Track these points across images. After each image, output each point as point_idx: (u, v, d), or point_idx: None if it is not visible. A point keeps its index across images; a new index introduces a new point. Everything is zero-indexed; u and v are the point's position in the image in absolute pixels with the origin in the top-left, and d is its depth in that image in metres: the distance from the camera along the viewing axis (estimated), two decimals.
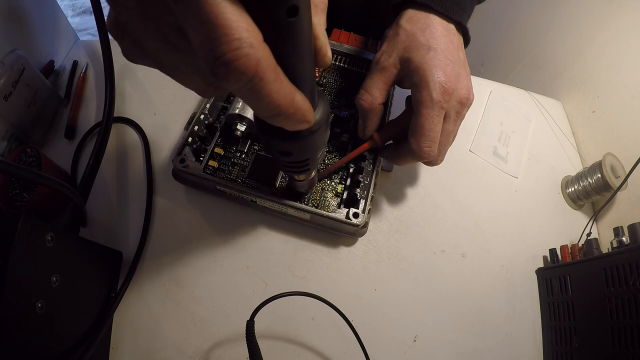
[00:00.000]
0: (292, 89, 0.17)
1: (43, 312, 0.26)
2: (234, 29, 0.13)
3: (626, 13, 0.52)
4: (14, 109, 0.40)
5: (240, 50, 0.14)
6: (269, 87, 0.15)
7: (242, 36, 0.14)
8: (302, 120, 0.19)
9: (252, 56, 0.14)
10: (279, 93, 0.16)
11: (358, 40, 0.49)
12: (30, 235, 0.25)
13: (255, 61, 0.14)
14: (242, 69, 0.14)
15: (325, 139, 0.25)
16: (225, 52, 0.14)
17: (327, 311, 0.34)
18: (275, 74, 0.16)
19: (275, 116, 0.17)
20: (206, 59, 0.14)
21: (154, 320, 0.37)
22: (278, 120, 0.18)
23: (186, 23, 0.14)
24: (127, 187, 0.43)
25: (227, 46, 0.14)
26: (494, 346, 0.40)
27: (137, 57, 0.19)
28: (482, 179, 0.49)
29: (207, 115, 0.40)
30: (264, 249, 0.41)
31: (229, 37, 0.13)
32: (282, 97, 0.16)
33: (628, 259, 0.33)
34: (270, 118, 0.18)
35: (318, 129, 0.22)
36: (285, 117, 0.18)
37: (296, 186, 0.37)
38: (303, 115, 0.18)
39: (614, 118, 0.52)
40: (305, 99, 0.18)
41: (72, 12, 1.76)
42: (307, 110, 0.19)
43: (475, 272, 0.43)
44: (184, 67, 0.18)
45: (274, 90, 0.16)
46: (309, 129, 0.21)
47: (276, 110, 0.17)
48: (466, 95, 0.33)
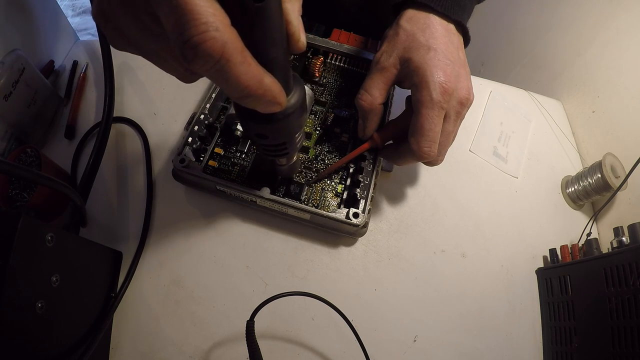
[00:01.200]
0: (261, 71, 0.18)
1: (43, 312, 0.26)
2: (201, 14, 0.14)
3: (626, 13, 0.52)
4: (14, 109, 0.40)
5: (206, 33, 0.15)
6: (236, 69, 0.16)
7: (209, 20, 0.15)
8: (272, 102, 0.19)
9: (218, 39, 0.15)
10: (247, 75, 0.17)
11: (358, 40, 0.49)
12: (30, 235, 0.25)
13: (221, 44, 0.15)
14: (209, 51, 0.15)
15: (301, 123, 0.25)
16: (193, 36, 0.15)
17: (327, 311, 0.34)
18: (243, 56, 0.16)
19: (244, 97, 0.18)
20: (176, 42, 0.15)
21: (154, 320, 0.37)
22: (248, 101, 0.19)
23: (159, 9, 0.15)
24: (127, 187, 0.43)
25: (195, 30, 0.14)
26: (494, 346, 0.40)
27: (120, 44, 0.20)
28: (482, 179, 0.49)
29: (207, 115, 0.40)
30: (264, 249, 0.41)
31: (196, 21, 0.14)
32: (250, 79, 0.17)
33: (628, 259, 0.33)
34: (240, 99, 0.18)
35: (292, 112, 0.22)
36: (255, 98, 0.18)
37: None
38: (273, 97, 0.19)
39: (614, 118, 0.52)
40: (275, 81, 0.19)
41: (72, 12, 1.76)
42: (278, 92, 0.19)
43: (475, 272, 0.43)
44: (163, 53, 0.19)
45: (241, 72, 0.16)
46: (283, 111, 0.22)
47: (245, 92, 0.17)
48: (466, 95, 0.33)
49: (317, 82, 0.47)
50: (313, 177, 0.40)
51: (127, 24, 0.18)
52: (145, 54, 0.20)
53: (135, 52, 0.20)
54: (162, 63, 0.21)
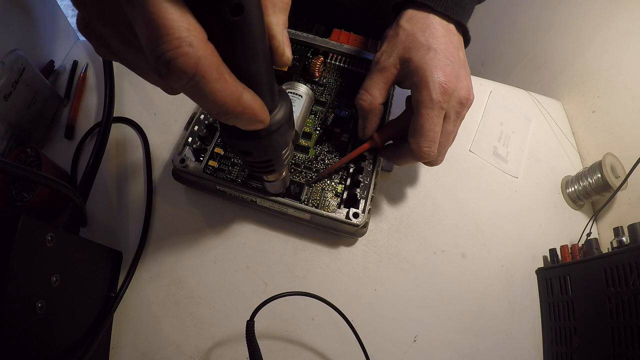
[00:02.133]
0: (239, 88, 0.17)
1: (43, 312, 0.26)
2: (174, 29, 0.14)
3: (626, 13, 0.52)
4: (14, 109, 0.40)
5: (179, 49, 0.14)
6: (211, 85, 0.15)
7: (182, 35, 0.14)
8: (253, 119, 0.18)
9: (192, 55, 0.14)
10: (224, 92, 0.16)
11: (358, 40, 0.49)
12: (30, 235, 0.25)
13: (194, 59, 0.14)
14: (182, 67, 0.14)
15: (288, 140, 0.24)
16: (166, 51, 0.14)
17: (327, 311, 0.34)
18: (219, 72, 0.16)
19: (222, 114, 0.17)
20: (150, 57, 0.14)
21: (154, 320, 0.37)
22: (227, 119, 0.18)
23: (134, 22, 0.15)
24: (127, 187, 0.43)
25: (167, 45, 0.14)
26: (494, 346, 0.40)
27: (104, 53, 0.20)
28: (482, 179, 0.49)
29: (207, 115, 0.40)
30: (264, 249, 0.41)
31: (169, 36, 0.14)
32: (227, 96, 0.16)
33: (628, 259, 0.33)
34: (219, 116, 0.18)
35: (277, 129, 0.21)
36: (234, 116, 0.18)
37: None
38: (254, 115, 0.18)
39: (614, 118, 0.52)
40: (256, 98, 0.18)
41: (72, 12, 1.76)
42: (258, 109, 0.18)
43: (475, 272, 0.43)
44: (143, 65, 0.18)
45: (217, 89, 0.16)
46: (267, 128, 0.21)
47: (222, 109, 0.17)
48: (466, 95, 0.33)
49: (317, 82, 0.47)
50: (313, 177, 0.40)
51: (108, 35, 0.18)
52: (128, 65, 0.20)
53: (119, 61, 0.20)
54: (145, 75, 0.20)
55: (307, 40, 0.47)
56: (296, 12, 0.30)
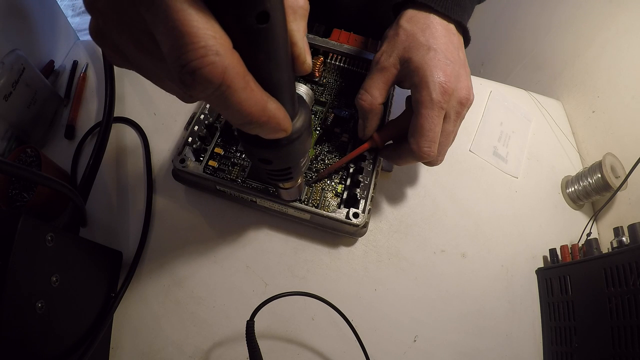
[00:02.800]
0: (264, 97, 0.17)
1: (43, 312, 0.26)
2: (200, 37, 0.13)
3: (626, 13, 0.52)
4: (14, 109, 0.40)
5: (206, 58, 0.13)
6: (237, 95, 0.15)
7: (209, 44, 0.13)
8: (276, 129, 0.18)
9: (218, 64, 0.14)
10: (249, 101, 0.16)
11: (358, 40, 0.49)
12: (30, 235, 0.25)
13: (221, 69, 0.14)
14: (208, 76, 0.14)
15: (307, 147, 0.24)
16: (191, 60, 0.13)
17: (327, 311, 0.34)
18: (245, 81, 0.15)
19: (247, 124, 0.17)
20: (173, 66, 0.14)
21: (154, 320, 0.37)
22: (251, 128, 0.18)
23: (156, 30, 0.14)
24: (127, 187, 0.43)
25: (193, 54, 0.13)
26: (494, 346, 0.40)
27: (118, 61, 0.19)
28: (482, 179, 0.49)
29: (207, 115, 0.40)
30: (264, 249, 0.41)
31: (194, 44, 0.13)
32: (252, 105, 0.16)
33: (628, 259, 0.33)
34: (243, 126, 0.17)
35: (298, 137, 0.21)
36: (258, 125, 0.17)
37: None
38: (277, 124, 0.18)
39: (614, 118, 0.52)
40: (280, 107, 0.18)
41: (72, 12, 1.76)
42: (282, 118, 0.18)
43: (475, 272, 0.43)
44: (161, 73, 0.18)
45: (243, 99, 0.15)
46: (288, 137, 0.21)
47: (247, 119, 0.16)
48: (466, 95, 0.33)
49: (317, 82, 0.47)
50: (313, 177, 0.40)
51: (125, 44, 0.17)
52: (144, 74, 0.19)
53: (135, 70, 0.19)
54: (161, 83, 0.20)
55: (307, 40, 0.47)
56: None
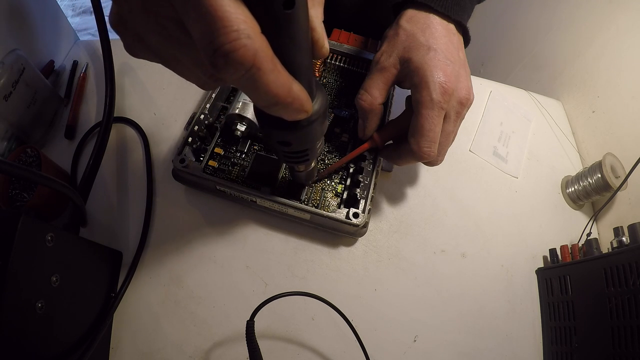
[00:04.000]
0: (290, 79, 0.17)
1: (43, 312, 0.26)
2: (232, 21, 0.14)
3: (626, 13, 0.52)
4: (14, 109, 0.40)
5: (238, 41, 0.14)
6: (266, 77, 0.16)
7: (240, 28, 0.14)
8: (299, 109, 0.19)
9: (250, 47, 0.14)
10: (277, 83, 0.16)
11: (358, 40, 0.49)
12: (30, 235, 0.25)
13: (253, 52, 0.15)
14: (241, 59, 0.14)
15: (324, 129, 0.25)
16: (224, 44, 0.14)
17: (327, 311, 0.34)
18: (273, 64, 0.16)
19: (273, 105, 0.18)
20: (205, 50, 0.14)
21: (154, 320, 0.37)
22: (276, 109, 0.18)
23: (186, 16, 0.15)
24: (127, 187, 0.43)
25: (226, 37, 0.14)
26: (494, 346, 0.40)
27: (139, 51, 0.20)
28: (482, 179, 0.49)
29: (207, 115, 0.40)
30: (264, 249, 0.41)
31: (227, 28, 0.14)
32: (279, 87, 0.17)
33: (628, 259, 0.33)
34: (268, 108, 0.18)
35: (316, 119, 0.22)
36: (283, 106, 0.18)
37: (296, 177, 0.37)
38: (301, 105, 0.19)
39: (614, 118, 0.52)
40: (303, 89, 0.19)
41: (72, 12, 1.76)
42: (305, 100, 0.19)
43: (475, 272, 0.43)
44: (185, 59, 0.18)
45: (271, 80, 0.16)
46: (307, 118, 0.21)
47: (274, 100, 0.17)
48: (466, 95, 0.33)
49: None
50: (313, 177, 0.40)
51: (149, 31, 0.18)
52: (165, 61, 0.20)
53: (154, 59, 0.20)
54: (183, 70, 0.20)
55: None
56: None
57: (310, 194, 0.40)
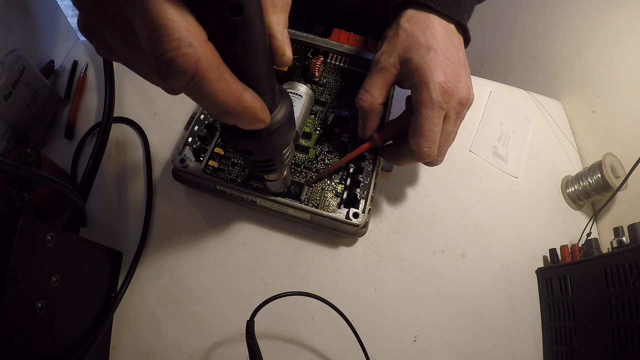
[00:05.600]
0: (239, 88, 0.17)
1: (43, 312, 0.26)
2: (174, 29, 0.14)
3: (626, 13, 0.52)
4: (14, 109, 0.40)
5: (179, 49, 0.14)
6: (211, 86, 0.16)
7: (182, 36, 0.14)
8: (253, 119, 0.19)
9: (192, 55, 0.14)
10: (224, 91, 0.16)
11: (358, 40, 0.49)
12: (30, 235, 0.25)
13: (194, 60, 0.14)
14: (182, 67, 0.14)
15: (288, 140, 0.24)
16: (165, 52, 0.14)
17: (327, 311, 0.34)
18: (219, 72, 0.16)
19: (223, 114, 0.18)
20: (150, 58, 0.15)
21: (154, 320, 0.37)
22: (227, 118, 0.18)
23: (134, 23, 0.15)
24: (127, 187, 0.43)
25: (167, 45, 0.14)
26: (494, 346, 0.40)
27: (105, 54, 0.20)
28: (482, 179, 0.49)
29: (207, 115, 0.40)
30: (264, 249, 0.41)
31: (168, 37, 0.14)
32: (227, 96, 0.16)
33: (628, 259, 0.33)
34: (220, 116, 0.18)
35: (278, 129, 0.21)
36: (234, 115, 0.18)
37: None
38: (254, 114, 0.18)
39: (614, 118, 0.52)
40: (257, 98, 0.18)
41: (72, 12, 1.76)
42: (259, 109, 0.19)
43: (475, 272, 0.43)
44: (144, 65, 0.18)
45: (217, 89, 0.16)
46: (267, 128, 0.21)
47: (222, 109, 0.17)
48: (466, 95, 0.33)
49: (317, 82, 0.47)
50: (313, 177, 0.40)
51: (109, 37, 0.18)
52: (129, 66, 0.20)
53: (120, 62, 0.20)
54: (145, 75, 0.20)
55: (307, 40, 0.47)
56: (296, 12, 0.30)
57: (310, 194, 0.40)
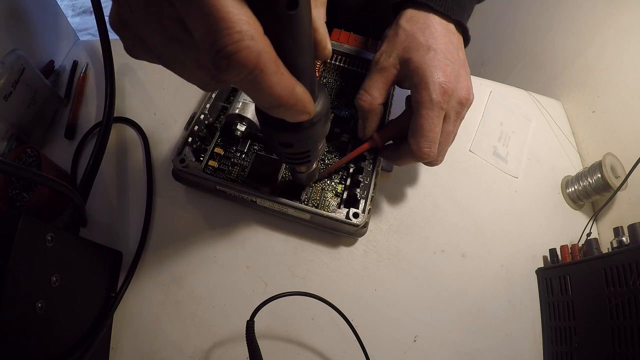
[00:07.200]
0: (293, 81, 0.17)
1: (43, 312, 0.26)
2: (235, 22, 0.14)
3: (626, 13, 0.52)
4: (14, 109, 0.40)
5: (241, 42, 0.14)
6: (269, 79, 0.16)
7: (243, 29, 0.14)
8: (302, 111, 0.19)
9: (253, 48, 0.14)
10: (280, 84, 0.16)
11: (358, 40, 0.49)
12: (30, 235, 0.25)
13: (256, 53, 0.15)
14: (244, 61, 0.14)
15: (326, 131, 0.25)
16: (227, 45, 0.14)
17: (327, 311, 0.34)
18: (276, 65, 0.16)
19: (275, 107, 0.18)
20: (208, 51, 0.14)
21: (154, 320, 0.37)
22: (279, 111, 0.18)
23: (188, 17, 0.15)
24: (127, 187, 0.43)
25: (229, 39, 0.14)
26: (494, 346, 0.40)
27: (139, 52, 0.19)
28: (482, 179, 0.49)
29: (207, 115, 0.40)
30: (264, 249, 0.41)
31: (230, 30, 0.14)
32: (282, 89, 0.17)
33: (628, 259, 0.33)
34: (271, 109, 0.18)
35: (319, 121, 0.22)
36: (286, 108, 0.18)
37: (297, 178, 0.37)
38: (303, 107, 0.19)
39: (614, 118, 0.52)
40: (306, 91, 0.19)
41: (72, 12, 1.76)
42: (308, 101, 0.19)
43: (475, 272, 0.43)
44: (187, 60, 0.18)
45: (274, 82, 0.16)
46: (310, 120, 0.21)
47: (277, 102, 0.17)
48: (466, 95, 0.33)
49: None
50: None
51: (150, 32, 0.17)
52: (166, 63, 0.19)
53: (155, 60, 0.20)
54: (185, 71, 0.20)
55: None
56: None
57: (310, 194, 0.40)
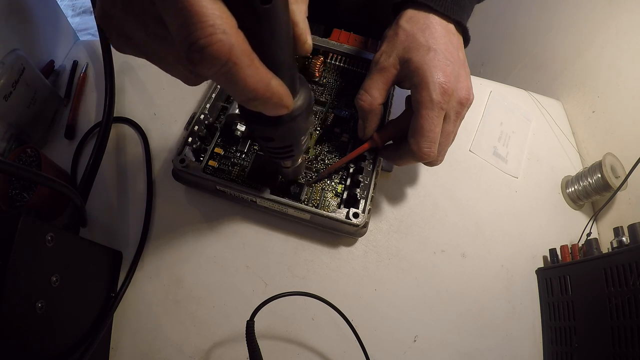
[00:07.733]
0: (268, 74, 0.18)
1: (43, 312, 0.26)
2: (208, 16, 0.14)
3: (626, 13, 0.52)
4: (14, 109, 0.40)
5: (213, 36, 0.14)
6: (243, 72, 0.16)
7: (216, 23, 0.14)
8: (279, 104, 0.19)
9: (225, 42, 0.15)
10: (254, 77, 0.17)
11: (358, 40, 0.49)
12: (30, 235, 0.25)
13: (228, 46, 0.15)
14: (216, 54, 0.15)
15: (307, 125, 0.25)
16: (200, 38, 0.14)
17: (327, 311, 0.34)
18: (250, 59, 0.16)
19: (251, 100, 0.18)
20: (182, 45, 0.15)
21: (154, 320, 0.37)
22: (255, 104, 0.18)
23: (164, 12, 0.15)
24: (127, 187, 0.43)
25: (201, 32, 0.14)
26: (494, 346, 0.40)
27: (124, 47, 0.20)
28: (482, 179, 0.49)
29: (207, 115, 0.40)
30: (264, 249, 0.41)
31: (202, 23, 0.14)
32: (257, 82, 0.17)
33: (628, 259, 0.33)
34: (247, 103, 0.18)
35: (299, 115, 0.22)
36: (262, 101, 0.18)
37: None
38: (280, 100, 0.19)
39: (614, 118, 0.52)
40: (282, 84, 0.19)
41: (72, 12, 1.76)
42: (284, 95, 0.19)
43: (475, 272, 0.43)
44: (167, 56, 0.19)
45: (248, 75, 0.16)
46: (289, 114, 0.21)
47: (251, 95, 0.17)
48: (466, 95, 0.33)
49: (317, 82, 0.47)
50: (313, 177, 0.40)
51: (131, 27, 0.18)
52: (149, 57, 0.20)
53: (139, 55, 0.20)
54: (167, 66, 0.20)
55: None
56: None
57: (310, 194, 0.40)
